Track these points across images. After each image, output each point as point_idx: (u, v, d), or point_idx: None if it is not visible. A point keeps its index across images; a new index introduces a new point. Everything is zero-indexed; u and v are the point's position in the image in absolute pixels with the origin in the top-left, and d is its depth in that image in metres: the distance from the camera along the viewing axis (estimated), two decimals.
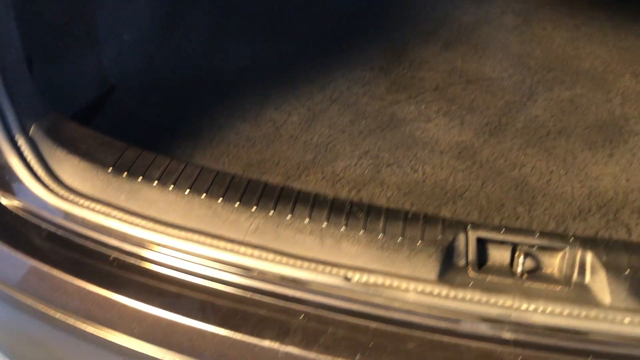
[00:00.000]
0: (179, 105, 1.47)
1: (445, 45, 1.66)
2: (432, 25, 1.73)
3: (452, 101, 1.47)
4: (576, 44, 1.65)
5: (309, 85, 1.52)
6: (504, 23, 1.73)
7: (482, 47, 1.64)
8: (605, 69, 1.56)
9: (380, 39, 1.68)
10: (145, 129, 1.40)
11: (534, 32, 1.70)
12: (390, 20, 1.75)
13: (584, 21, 1.73)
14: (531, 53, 1.62)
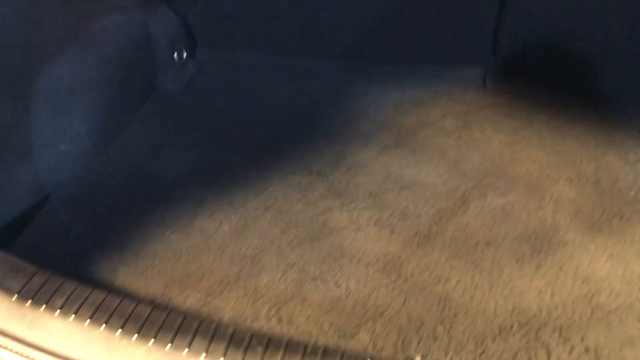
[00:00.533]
0: (111, 215, 1.47)
1: (383, 149, 1.68)
2: (373, 128, 1.76)
3: (385, 208, 1.48)
4: (514, 148, 1.67)
5: (245, 192, 1.53)
6: (444, 126, 1.76)
7: (419, 151, 1.66)
8: (541, 174, 1.57)
9: (320, 142, 1.70)
10: (74, 241, 1.40)
11: (472, 135, 1.72)
12: (332, 123, 1.78)
13: (523, 124, 1.76)
14: (468, 157, 1.64)
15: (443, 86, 1.93)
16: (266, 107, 1.86)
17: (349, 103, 1.87)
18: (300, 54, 2.06)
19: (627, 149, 1.65)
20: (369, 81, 1.97)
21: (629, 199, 1.48)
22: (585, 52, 1.87)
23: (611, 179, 1.55)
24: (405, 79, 1.98)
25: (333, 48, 2.03)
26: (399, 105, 1.86)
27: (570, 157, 1.63)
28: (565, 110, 1.80)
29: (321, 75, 2.01)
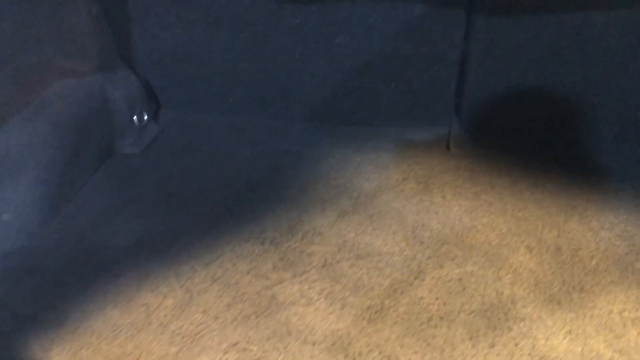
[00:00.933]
0: (52, 289, 1.41)
1: (341, 215, 1.64)
2: (333, 193, 1.72)
3: (338, 280, 1.42)
4: (474, 214, 1.63)
5: (193, 263, 1.48)
6: (405, 190, 1.72)
7: (378, 217, 1.62)
8: (501, 242, 1.53)
9: (277, 208, 1.65)
10: (9, 317, 1.33)
11: (433, 199, 1.68)
12: (291, 188, 1.74)
13: (484, 188, 1.72)
14: (427, 224, 1.59)
15: (407, 149, 1.91)
16: (225, 171, 1.82)
17: (311, 166, 1.84)
18: (264, 116, 2.04)
19: (589, 215, 1.61)
20: (333, 143, 1.95)
21: (590, 269, 1.44)
22: (548, 114, 1.85)
23: (572, 247, 1.51)
24: (369, 141, 1.95)
25: (297, 109, 2.02)
26: (360, 168, 1.83)
27: (531, 223, 1.59)
28: (528, 174, 1.77)
29: (284, 137, 1.98)
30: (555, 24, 1.65)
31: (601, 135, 1.85)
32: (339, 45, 1.82)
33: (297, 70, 1.90)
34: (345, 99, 1.95)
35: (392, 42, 1.78)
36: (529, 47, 1.70)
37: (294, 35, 1.82)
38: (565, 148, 1.86)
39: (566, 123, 1.85)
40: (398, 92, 1.91)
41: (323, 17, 1.76)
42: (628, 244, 1.51)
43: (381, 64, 1.85)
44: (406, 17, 1.73)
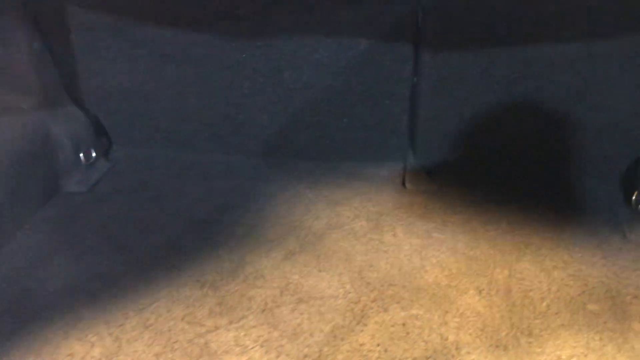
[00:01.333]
0: None
1: (287, 255, 1.57)
2: (280, 232, 1.66)
3: (276, 326, 1.35)
4: (424, 253, 1.57)
5: (126, 309, 1.41)
6: (355, 229, 1.67)
7: (325, 258, 1.56)
8: (449, 283, 1.47)
9: (220, 249, 1.59)
10: None
11: (383, 238, 1.63)
12: (238, 227, 1.68)
13: (437, 226, 1.67)
14: (375, 264, 1.53)
15: (360, 185, 1.86)
16: (171, 210, 1.76)
17: (260, 203, 1.78)
18: (217, 152, 1.99)
19: (543, 254, 1.56)
20: (286, 179, 1.90)
21: (540, 312, 1.38)
22: (502, 149, 1.81)
23: (523, 288, 1.45)
24: (323, 176, 1.90)
25: (250, 145, 1.97)
26: (311, 205, 1.78)
27: (482, 263, 1.53)
28: (483, 212, 1.72)
29: (236, 173, 1.93)
30: (505, 57, 1.62)
31: (558, 171, 1.81)
32: (288, 81, 1.78)
33: (247, 105, 1.86)
34: (299, 134, 1.91)
35: (341, 77, 1.75)
36: (479, 81, 1.66)
37: (242, 70, 1.78)
38: (520, 184, 1.82)
39: (521, 158, 1.81)
40: (352, 128, 1.87)
41: (269, 52, 1.73)
42: (581, 284, 1.45)
43: (332, 99, 1.81)
44: (353, 53, 1.69)
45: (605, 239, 1.60)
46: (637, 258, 1.53)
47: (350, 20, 1.63)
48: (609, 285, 1.44)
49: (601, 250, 1.56)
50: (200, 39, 1.73)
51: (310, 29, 1.66)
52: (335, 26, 1.65)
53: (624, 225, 1.65)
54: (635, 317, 1.35)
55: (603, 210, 1.72)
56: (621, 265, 1.51)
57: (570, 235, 1.62)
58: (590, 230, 1.64)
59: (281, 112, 1.86)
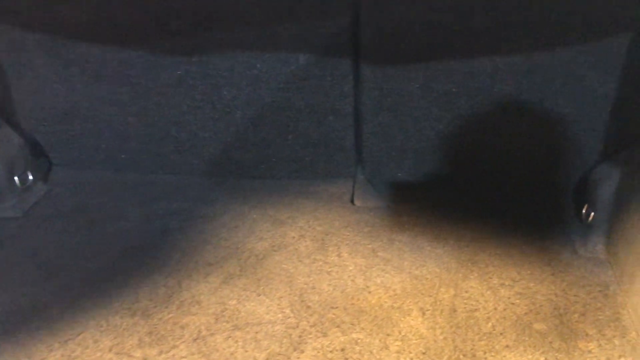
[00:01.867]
0: None
1: (226, 279, 1.51)
2: (220, 255, 1.59)
3: (208, 356, 1.28)
4: (368, 274, 1.51)
5: (50, 340, 1.32)
6: (299, 249, 1.61)
7: (265, 281, 1.50)
8: (393, 304, 1.41)
9: (156, 275, 1.52)
10: None
11: (327, 259, 1.57)
12: (176, 250, 1.61)
13: (383, 245, 1.61)
14: (317, 287, 1.47)
15: (307, 203, 1.80)
16: (107, 234, 1.69)
17: (202, 225, 1.71)
18: (159, 172, 1.92)
19: (490, 271, 1.51)
20: (230, 198, 1.83)
21: (485, 332, 1.32)
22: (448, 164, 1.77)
23: (469, 307, 1.39)
24: (268, 195, 1.84)
25: (194, 164, 1.90)
26: (256, 226, 1.71)
27: (428, 282, 1.48)
28: (430, 229, 1.67)
29: (177, 195, 1.86)
30: (445, 71, 1.58)
31: (506, 185, 1.77)
32: (227, 98, 1.72)
33: (187, 123, 1.79)
34: (243, 151, 1.85)
35: (282, 93, 1.69)
36: (421, 95, 1.62)
37: (179, 87, 1.72)
38: (467, 199, 1.77)
39: (466, 173, 1.77)
40: (297, 144, 1.81)
41: (205, 69, 1.67)
42: (528, 302, 1.40)
43: (274, 116, 1.75)
44: (292, 68, 1.64)
45: (555, 254, 1.56)
46: (586, 274, 1.49)
47: (288, 34, 1.58)
48: (556, 303, 1.39)
49: (550, 267, 1.52)
50: (133, 56, 1.67)
51: (246, 44, 1.61)
52: (272, 41, 1.60)
53: (574, 239, 1.61)
54: (582, 336, 1.30)
55: (554, 225, 1.68)
56: (570, 282, 1.46)
57: (519, 252, 1.58)
58: (540, 245, 1.59)
59: (223, 130, 1.80)
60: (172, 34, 1.60)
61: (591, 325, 1.33)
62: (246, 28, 1.57)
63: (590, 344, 1.28)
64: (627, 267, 1.40)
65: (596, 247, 1.56)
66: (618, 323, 1.33)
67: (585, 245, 1.58)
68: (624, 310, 1.36)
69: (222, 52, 1.62)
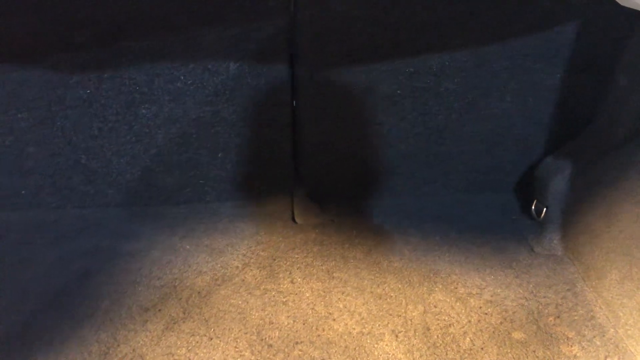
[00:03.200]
0: None
1: (169, 324, 1.31)
2: (157, 297, 1.39)
3: None
4: (328, 298, 1.38)
5: None
6: (246, 280, 1.44)
7: (215, 321, 1.32)
8: (362, 329, 1.29)
9: (84, 327, 1.29)
10: None
11: (280, 287, 1.41)
12: (102, 298, 1.38)
13: (337, 264, 1.49)
14: (275, 321, 1.32)
15: (245, 227, 1.64)
16: (20, 283, 1.43)
17: (128, 264, 1.50)
18: (66, 206, 1.68)
19: (454, 280, 1.43)
20: (155, 230, 1.62)
21: (465, 349, 1.23)
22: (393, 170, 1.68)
23: (442, 324, 1.30)
24: (200, 221, 1.65)
25: (108, 194, 1.67)
26: (191, 258, 1.52)
27: (393, 301, 1.37)
28: (382, 241, 1.56)
29: (93, 231, 1.62)
30: (389, 72, 1.48)
31: (451, 186, 1.70)
32: (146, 116, 1.52)
33: (99, 149, 1.57)
34: (166, 175, 1.65)
35: (210, 107, 1.52)
36: (363, 100, 1.51)
37: (88, 109, 1.49)
38: (416, 204, 1.69)
39: (412, 177, 1.69)
40: (229, 162, 1.64)
41: (119, 85, 1.46)
42: (500, 310, 1.33)
43: (201, 133, 1.57)
44: (221, 78, 1.47)
45: (514, 255, 1.51)
46: (549, 273, 1.44)
47: (215, 42, 1.41)
48: (528, 307, 1.33)
49: (512, 269, 1.46)
50: (31, 76, 1.43)
51: (167, 54, 1.42)
52: (197, 49, 1.42)
53: (528, 238, 1.57)
54: (563, 340, 1.24)
55: (505, 225, 1.63)
56: (535, 283, 1.41)
57: (477, 256, 1.51)
58: (496, 248, 1.54)
59: (141, 153, 1.59)
60: (77, 48, 1.37)
61: (569, 328, 1.28)
62: (167, 36, 1.38)
63: (573, 348, 1.23)
64: (593, 262, 1.37)
65: (552, 243, 1.52)
66: (594, 322, 1.29)
67: (540, 242, 1.54)
68: (596, 308, 1.32)
69: (139, 64, 1.42)
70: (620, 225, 1.31)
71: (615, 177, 1.36)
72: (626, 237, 1.29)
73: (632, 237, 1.26)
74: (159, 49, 1.41)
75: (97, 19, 1.35)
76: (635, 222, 1.27)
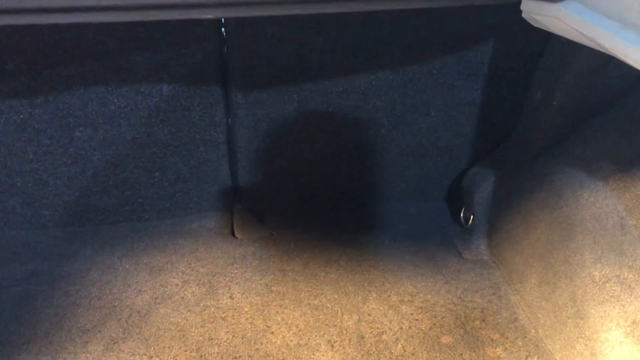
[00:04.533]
0: None
1: (109, 345, 1.33)
2: (97, 318, 1.40)
3: None
4: (267, 312, 1.42)
5: None
6: (186, 297, 1.47)
7: (155, 340, 1.34)
8: (299, 341, 1.34)
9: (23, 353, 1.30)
10: None
11: (219, 303, 1.45)
12: (41, 322, 1.39)
13: (276, 278, 1.53)
14: (214, 337, 1.35)
15: (185, 243, 1.66)
16: None
17: (67, 286, 1.50)
18: (4, 229, 1.67)
19: (388, 289, 1.49)
20: (94, 250, 1.63)
21: (396, 355, 1.29)
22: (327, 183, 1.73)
23: (375, 331, 1.36)
24: (140, 240, 1.67)
25: (45, 215, 1.67)
26: (130, 277, 1.54)
27: (329, 311, 1.42)
28: (319, 253, 1.62)
29: (30, 253, 1.62)
30: (319, 92, 1.53)
31: (384, 197, 1.77)
32: (81, 139, 1.53)
33: (34, 172, 1.57)
34: (103, 195, 1.66)
35: (144, 129, 1.54)
36: (295, 118, 1.56)
37: (21, 134, 1.49)
38: (350, 216, 1.75)
39: (347, 190, 1.75)
40: (165, 181, 1.66)
41: (53, 109, 1.47)
42: (430, 316, 1.40)
43: (137, 153, 1.59)
44: (154, 100, 1.50)
45: (443, 262, 1.59)
46: (476, 277, 1.53)
47: (146, 65, 1.43)
48: (456, 312, 1.41)
49: (442, 275, 1.54)
50: None
51: (99, 79, 1.44)
52: (128, 73, 1.44)
53: (457, 245, 1.65)
54: (487, 343, 1.32)
55: (435, 233, 1.71)
56: (463, 288, 1.49)
57: (410, 264, 1.58)
58: (427, 255, 1.61)
59: (78, 175, 1.59)
60: (8, 75, 1.37)
61: (493, 330, 1.36)
62: (98, 61, 1.40)
63: (497, 349, 1.31)
64: (515, 266, 1.46)
65: (479, 249, 1.61)
66: (517, 323, 1.37)
67: (468, 248, 1.63)
68: (519, 310, 1.41)
69: (72, 89, 1.43)
70: (537, 232, 1.40)
71: (531, 188, 1.45)
72: (542, 243, 1.38)
73: (547, 243, 1.36)
74: (91, 74, 1.42)
75: (24, 48, 1.36)
76: (549, 229, 1.36)
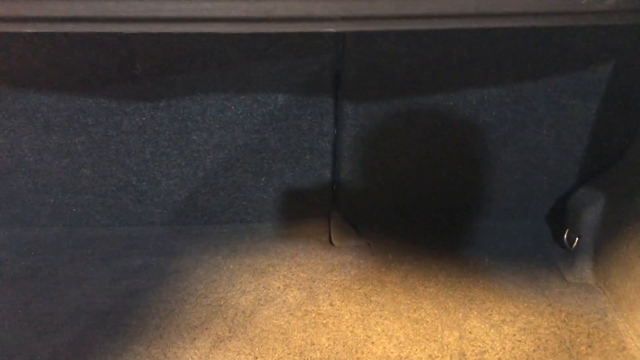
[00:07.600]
0: None
1: (216, 343, 1.38)
2: (203, 315, 1.46)
3: None
4: (367, 322, 1.44)
5: None
6: (288, 301, 1.50)
7: (259, 341, 1.38)
8: (400, 354, 1.34)
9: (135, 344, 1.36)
10: None
11: (320, 309, 1.48)
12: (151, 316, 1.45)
13: (374, 288, 1.54)
14: (316, 342, 1.38)
15: (285, 247, 1.70)
16: (69, 301, 1.51)
17: (175, 282, 1.57)
18: (116, 224, 1.76)
19: (489, 307, 1.48)
20: (199, 249, 1.70)
21: None
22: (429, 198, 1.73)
23: (477, 350, 1.35)
24: (242, 241, 1.73)
25: (155, 213, 1.75)
26: (234, 277, 1.59)
27: (429, 325, 1.42)
28: (418, 266, 1.62)
29: (140, 248, 1.70)
30: (429, 106, 1.54)
31: (488, 215, 1.76)
32: (196, 142, 1.60)
33: (149, 171, 1.65)
34: (211, 197, 1.72)
35: (257, 135, 1.59)
36: (403, 131, 1.58)
37: (142, 135, 1.58)
38: (451, 232, 1.75)
39: (450, 206, 1.74)
40: (270, 186, 1.71)
41: (173, 113, 1.54)
42: (534, 338, 1.38)
43: (247, 158, 1.64)
44: (269, 108, 1.55)
45: (546, 283, 1.56)
46: (580, 302, 1.49)
47: (265, 74, 1.49)
48: (561, 337, 1.38)
49: (545, 297, 1.51)
50: (91, 104, 1.51)
51: (220, 86, 1.50)
52: (248, 82, 1.50)
53: (560, 266, 1.61)
54: None
55: (537, 253, 1.68)
56: (567, 312, 1.46)
57: (511, 283, 1.56)
58: (529, 275, 1.59)
59: (190, 176, 1.67)
60: (137, 79, 1.46)
61: (600, 357, 1.32)
62: (221, 69, 1.46)
63: None
64: (625, 293, 1.41)
65: (584, 273, 1.57)
66: (626, 352, 1.33)
67: (572, 271, 1.59)
68: (627, 339, 1.36)
69: (193, 95, 1.50)
70: None
71: None
72: None
73: None
74: (213, 81, 1.49)
75: (153, 54, 1.43)
76: None
